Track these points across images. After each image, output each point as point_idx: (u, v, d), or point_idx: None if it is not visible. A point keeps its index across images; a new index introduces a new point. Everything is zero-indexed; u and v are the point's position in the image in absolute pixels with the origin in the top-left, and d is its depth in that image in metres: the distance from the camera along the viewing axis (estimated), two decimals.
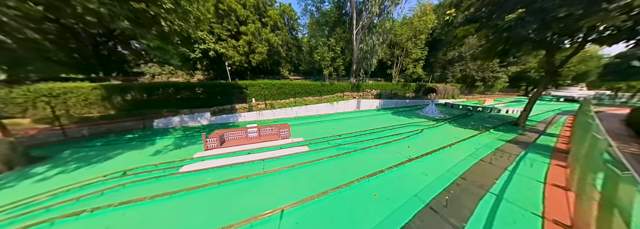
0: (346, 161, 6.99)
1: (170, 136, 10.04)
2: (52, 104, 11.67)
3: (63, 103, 12.19)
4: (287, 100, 16.42)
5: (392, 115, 16.39)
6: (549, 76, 11.17)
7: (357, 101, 18.68)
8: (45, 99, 11.53)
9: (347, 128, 11.76)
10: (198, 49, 19.09)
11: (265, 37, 22.11)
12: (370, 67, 24.51)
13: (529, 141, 9.49)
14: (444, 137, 10.09)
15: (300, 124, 12.73)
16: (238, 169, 6.38)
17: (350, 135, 10.22)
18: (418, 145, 8.68)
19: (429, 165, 6.63)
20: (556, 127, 12.87)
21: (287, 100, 16.42)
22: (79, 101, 13.62)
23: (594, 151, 3.75)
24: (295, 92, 22.49)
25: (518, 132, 11.35)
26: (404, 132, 10.76)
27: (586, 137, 5.30)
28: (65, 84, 12.43)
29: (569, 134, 10.69)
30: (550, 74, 11.13)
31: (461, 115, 16.65)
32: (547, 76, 11.35)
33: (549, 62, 10.90)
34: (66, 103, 12.30)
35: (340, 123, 13.33)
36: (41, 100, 11.43)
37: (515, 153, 7.78)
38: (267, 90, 21.02)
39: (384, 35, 21.15)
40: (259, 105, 14.47)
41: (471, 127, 12.22)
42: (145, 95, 15.62)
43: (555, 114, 18.33)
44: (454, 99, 26.29)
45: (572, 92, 40.70)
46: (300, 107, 15.37)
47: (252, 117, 13.70)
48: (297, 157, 7.30)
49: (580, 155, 5.06)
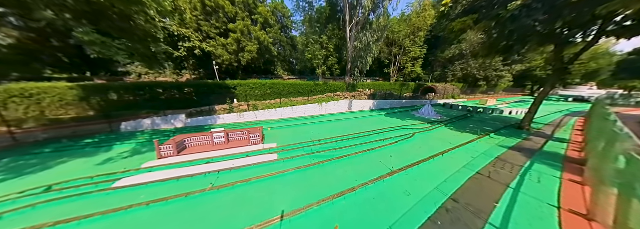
0: (316, 174, 5.93)
1: (133, 141, 9.10)
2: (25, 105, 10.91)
3: (37, 104, 11.42)
4: (272, 101, 15.40)
5: (385, 117, 15.25)
6: (558, 74, 9.92)
7: (349, 102, 17.57)
8: (17, 101, 10.76)
9: (331, 132, 10.69)
10: (182, 47, 18.21)
11: (255, 35, 21.18)
12: (366, 66, 23.38)
13: (535, 148, 8.28)
14: (437, 142, 8.94)
15: (282, 127, 11.69)
16: (185, 184, 5.38)
17: (331, 140, 9.15)
18: (406, 153, 7.55)
19: (414, 180, 5.51)
20: (565, 130, 11.58)
21: (272, 101, 15.40)
22: (54, 102, 12.88)
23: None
24: (287, 93, 21.52)
25: (522, 136, 10.12)
26: (392, 137, 9.63)
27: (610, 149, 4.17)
28: (39, 84, 11.63)
29: (582, 140, 9.43)
30: (558, 72, 9.89)
31: (460, 117, 15.41)
32: (555, 74, 10.10)
33: (558, 59, 9.66)
34: (40, 104, 11.53)
35: (326, 126, 12.26)
36: (13, 101, 10.67)
37: (519, 164, 6.61)
38: (258, 90, 20.07)
39: (379, 32, 19.99)
40: (241, 106, 13.48)
41: (469, 131, 11.03)
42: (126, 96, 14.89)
43: (564, 116, 16.95)
44: (454, 100, 24.99)
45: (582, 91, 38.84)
46: (286, 108, 14.33)
47: (233, 120, 12.72)
48: (260, 169, 6.26)
49: (604, 172, 3.91)
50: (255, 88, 20.24)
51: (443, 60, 28.55)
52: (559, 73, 9.89)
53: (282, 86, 21.77)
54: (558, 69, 9.83)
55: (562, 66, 9.68)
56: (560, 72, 9.83)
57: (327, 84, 24.53)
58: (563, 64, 9.67)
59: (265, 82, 20.77)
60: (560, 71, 9.83)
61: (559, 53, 9.60)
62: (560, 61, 9.69)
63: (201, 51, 19.82)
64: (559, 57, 9.65)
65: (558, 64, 9.76)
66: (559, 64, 9.71)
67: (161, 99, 15.59)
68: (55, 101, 12.82)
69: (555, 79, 10.14)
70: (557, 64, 9.81)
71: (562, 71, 9.77)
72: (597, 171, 4.62)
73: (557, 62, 9.79)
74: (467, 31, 11.07)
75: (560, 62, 9.68)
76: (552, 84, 10.34)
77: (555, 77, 10.11)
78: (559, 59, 9.68)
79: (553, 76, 10.18)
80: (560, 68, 9.75)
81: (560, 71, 9.83)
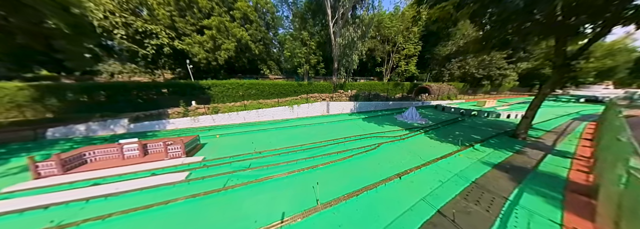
0: (220, 203, 4.47)
1: (45, 151, 7.83)
2: None
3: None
4: (236, 103, 13.95)
5: (362, 121, 13.58)
6: (560, 71, 8.05)
7: (326, 104, 15.96)
8: None
9: (286, 140, 9.16)
10: (149, 44, 16.99)
11: (232, 31, 19.78)
12: (353, 65, 21.68)
13: (528, 166, 6.51)
14: (403, 157, 7.27)
15: (235, 134, 10.22)
16: (53, 215, 4.06)
17: (275, 151, 7.62)
18: (349, 174, 5.91)
19: (338, 226, 3.91)
20: (571, 140, 9.65)
21: (236, 103, 13.95)
22: (3, 103, 11.92)
23: None
24: (268, 93, 20.15)
25: (515, 148, 8.32)
26: (353, 148, 8.02)
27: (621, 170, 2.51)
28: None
29: (591, 154, 7.56)
30: (561, 69, 8.02)
31: (449, 121, 13.58)
32: (556, 71, 8.23)
33: (559, 54, 7.80)
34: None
35: (287, 132, 10.72)
36: None
37: (503, 193, 4.90)
38: (234, 90, 18.80)
39: (363, 27, 18.25)
40: (198, 109, 12.10)
41: (451, 140, 9.27)
42: (86, 97, 13.80)
43: (572, 120, 14.82)
44: (449, 101, 22.97)
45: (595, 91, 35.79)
46: (250, 111, 12.86)
47: (185, 124, 11.32)
48: (155, 193, 4.84)
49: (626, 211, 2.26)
50: (231, 88, 18.94)
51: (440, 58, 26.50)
52: (561, 70, 8.02)
53: (261, 86, 20.37)
54: (560, 65, 7.97)
55: (565, 62, 7.81)
56: (563, 69, 7.97)
57: (312, 84, 22.94)
58: (565, 59, 7.81)
59: (243, 82, 19.41)
60: (562, 68, 7.97)
61: (561, 46, 7.75)
62: (562, 56, 7.83)
63: (172, 49, 18.57)
64: (560, 51, 7.80)
65: (559, 59, 7.90)
66: (561, 60, 7.85)
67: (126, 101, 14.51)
68: (3, 102, 11.86)
69: (557, 77, 8.26)
70: (558, 60, 7.95)
71: (565, 67, 7.91)
72: (612, 209, 2.94)
73: (558, 58, 7.93)
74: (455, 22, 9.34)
75: (562, 57, 7.82)
76: (553, 83, 8.47)
77: (557, 76, 8.24)
78: (560, 54, 7.82)
79: (554, 74, 8.30)
80: (563, 65, 7.89)
81: (562, 68, 7.97)
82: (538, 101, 8.83)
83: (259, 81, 20.16)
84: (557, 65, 8.00)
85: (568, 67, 7.84)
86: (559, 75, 8.07)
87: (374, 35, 28.13)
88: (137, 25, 15.26)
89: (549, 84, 8.37)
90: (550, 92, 8.51)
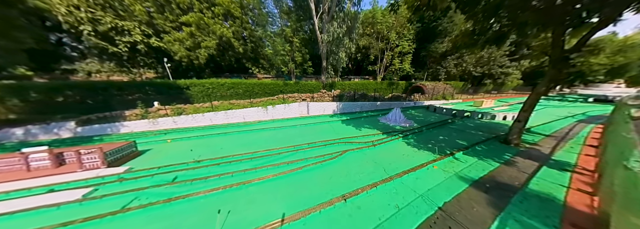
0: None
1: None
2: None
3: None
4: (204, 104, 12.95)
5: (340, 123, 12.42)
6: (557, 66, 6.74)
7: (306, 105, 14.83)
8: None
9: (244, 146, 8.09)
10: (121, 42, 16.13)
11: (212, 28, 18.81)
12: (341, 63, 20.52)
13: (515, 185, 5.27)
14: (364, 169, 6.11)
15: (188, 138, 9.20)
16: None
17: (219, 161, 6.56)
18: (291, 192, 4.79)
19: None
20: (573, 146, 8.31)
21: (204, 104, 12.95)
22: None
23: None
24: (251, 93, 19.25)
25: (504, 157, 7.07)
26: (312, 156, 6.89)
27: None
28: None
29: (595, 165, 6.27)
30: (558, 64, 6.71)
31: (437, 123, 12.31)
32: (552, 66, 6.92)
33: (556, 46, 6.51)
34: None
35: (250, 136, 9.63)
36: None
37: (477, 228, 3.73)
38: (215, 90, 17.93)
39: (349, 22, 17.04)
40: (160, 110, 11.13)
41: (430, 148, 8.05)
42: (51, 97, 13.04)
43: (577, 122, 13.34)
44: (444, 100, 21.54)
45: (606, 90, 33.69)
46: (217, 113, 11.84)
47: (143, 127, 10.36)
48: (49, 214, 3.88)
49: None
50: (212, 88, 18.06)
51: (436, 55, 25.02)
52: (558, 65, 6.72)
53: (245, 86, 19.40)
54: (556, 59, 6.67)
55: (562, 55, 6.52)
56: (560, 64, 6.67)
57: (299, 83, 21.83)
58: (563, 52, 6.51)
59: (224, 81, 18.48)
60: (560, 63, 6.67)
61: (559, 37, 6.45)
62: (559, 49, 6.53)
63: (148, 47, 17.70)
64: (558, 42, 6.50)
65: (557, 52, 6.61)
66: (558, 53, 6.56)
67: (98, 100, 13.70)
68: None
69: (554, 73, 6.94)
70: (555, 53, 6.66)
71: (563, 62, 6.61)
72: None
73: (555, 50, 6.64)
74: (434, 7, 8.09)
75: (560, 49, 6.52)
76: (549, 81, 7.15)
77: (553, 72, 6.92)
78: (557, 46, 6.53)
79: (550, 70, 6.99)
80: (560, 58, 6.59)
81: (560, 63, 6.67)
82: (532, 101, 7.54)
83: (242, 81, 19.22)
84: (553, 59, 6.70)
85: (567, 62, 6.54)
86: (556, 71, 6.76)
87: (369, 33, 26.87)
88: (106, 21, 14.39)
89: (544, 82, 7.06)
90: (545, 91, 7.21)
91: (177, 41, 19.03)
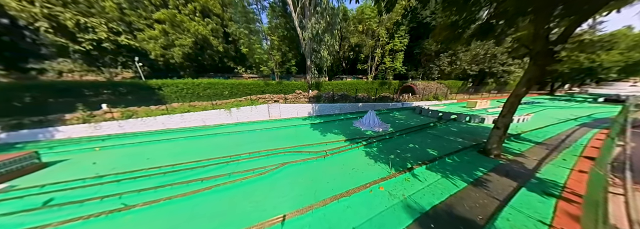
0: None
1: None
2: None
3: None
4: (160, 106, 11.98)
5: (308, 128, 11.23)
6: (538, 61, 5.35)
7: (278, 107, 13.70)
8: None
9: (178, 155, 7.06)
10: (84, 39, 15.37)
11: (185, 25, 17.90)
12: (326, 62, 19.29)
13: (477, 220, 4.01)
14: (288, 192, 4.94)
15: (122, 146, 8.19)
16: None
17: (126, 176, 5.52)
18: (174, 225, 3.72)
19: None
20: (567, 158, 6.91)
21: (160, 106, 11.98)
22: None
23: None
24: (230, 94, 18.42)
25: (475, 174, 5.77)
26: (243, 170, 5.78)
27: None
28: None
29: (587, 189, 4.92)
30: (540, 60, 5.33)
31: (416, 127, 10.97)
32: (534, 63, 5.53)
33: (539, 37, 5.14)
34: None
35: (195, 143, 8.60)
36: None
37: None
38: (189, 91, 17.13)
39: (328, 17, 15.79)
40: (106, 114, 10.22)
41: (392, 159, 6.79)
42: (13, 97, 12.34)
43: (579, 126, 11.74)
44: (437, 101, 20.01)
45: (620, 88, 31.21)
46: (172, 116, 10.86)
47: (82, 133, 9.45)
48: None
49: None
50: (186, 88, 17.26)
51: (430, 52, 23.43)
52: (540, 60, 5.35)
53: (222, 86, 18.57)
54: (539, 53, 5.31)
55: (546, 48, 5.16)
56: (543, 58, 5.30)
57: (282, 83, 20.78)
58: (548, 43, 5.15)
59: (200, 81, 17.61)
60: (542, 57, 5.30)
61: (542, 25, 5.09)
62: (542, 41, 5.17)
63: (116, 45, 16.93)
64: (540, 32, 5.14)
65: (539, 44, 5.25)
66: (541, 45, 5.20)
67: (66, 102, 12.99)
68: None
69: (533, 70, 5.56)
70: (537, 45, 5.30)
71: (546, 56, 5.24)
72: None
73: (537, 43, 5.28)
74: None
75: (543, 41, 5.16)
76: (529, 79, 5.76)
77: (533, 68, 5.54)
78: (540, 37, 5.17)
79: (530, 67, 5.60)
80: (543, 52, 5.23)
81: (542, 57, 5.30)
82: (511, 104, 6.19)
83: (220, 81, 18.34)
84: (534, 53, 5.33)
85: (551, 57, 5.17)
86: (537, 67, 5.38)
87: (360, 30, 25.52)
88: (66, 17, 13.62)
89: (523, 81, 5.69)
90: (525, 92, 5.83)
91: (152, 39, 18.24)
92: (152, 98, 16.09)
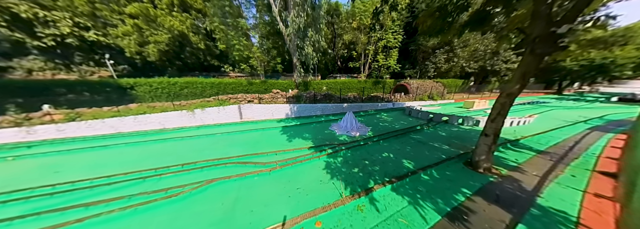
0: None
1: None
2: None
3: None
4: (114, 107, 10.83)
5: (278, 132, 9.94)
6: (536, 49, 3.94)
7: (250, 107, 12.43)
8: None
9: (112, 165, 5.88)
10: (44, 34, 14.34)
11: (159, 20, 16.78)
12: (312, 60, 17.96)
13: None
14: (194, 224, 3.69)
15: (50, 154, 7.05)
16: None
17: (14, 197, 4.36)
18: None
19: None
20: (577, 173, 5.47)
21: (114, 107, 10.83)
22: None
23: None
24: (210, 93, 17.42)
25: (455, 198, 4.41)
26: (158, 190, 4.55)
27: None
28: None
29: (616, 225, 3.50)
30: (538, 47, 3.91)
31: (399, 132, 9.57)
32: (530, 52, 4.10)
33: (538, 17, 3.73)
34: None
35: (139, 149, 7.43)
36: None
37: None
38: (164, 90, 16.15)
39: (309, 9, 14.45)
40: (46, 116, 9.12)
41: (350, 176, 5.46)
42: None
43: (590, 130, 10.15)
44: (432, 101, 18.48)
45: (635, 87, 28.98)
46: (124, 118, 9.71)
47: (10, 138, 8.28)
48: None
49: None
50: (161, 88, 16.27)
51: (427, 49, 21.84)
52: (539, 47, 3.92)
53: (201, 85, 17.57)
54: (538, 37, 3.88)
55: (548, 31, 3.74)
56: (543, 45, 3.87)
57: (267, 82, 19.62)
58: (550, 24, 3.73)
59: (175, 80, 16.55)
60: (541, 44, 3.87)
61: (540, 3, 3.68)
62: (542, 21, 3.75)
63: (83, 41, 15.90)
64: (541, 9, 3.72)
65: (538, 26, 3.83)
66: (541, 28, 3.79)
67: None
68: None
69: (530, 61, 4.14)
70: (536, 27, 3.88)
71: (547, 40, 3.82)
72: None
73: (535, 23, 3.87)
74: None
75: (544, 22, 3.74)
76: (525, 73, 4.33)
77: (530, 59, 4.12)
78: (540, 17, 3.75)
79: (525, 57, 4.18)
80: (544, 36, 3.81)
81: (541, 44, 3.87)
82: (501, 106, 4.78)
83: (197, 79, 17.32)
84: (531, 38, 3.92)
85: (554, 43, 3.74)
86: (534, 57, 3.95)
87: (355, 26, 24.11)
88: (20, 9, 12.61)
89: (516, 76, 4.27)
90: (520, 89, 4.40)
91: (126, 36, 17.19)
92: (124, 98, 15.11)
